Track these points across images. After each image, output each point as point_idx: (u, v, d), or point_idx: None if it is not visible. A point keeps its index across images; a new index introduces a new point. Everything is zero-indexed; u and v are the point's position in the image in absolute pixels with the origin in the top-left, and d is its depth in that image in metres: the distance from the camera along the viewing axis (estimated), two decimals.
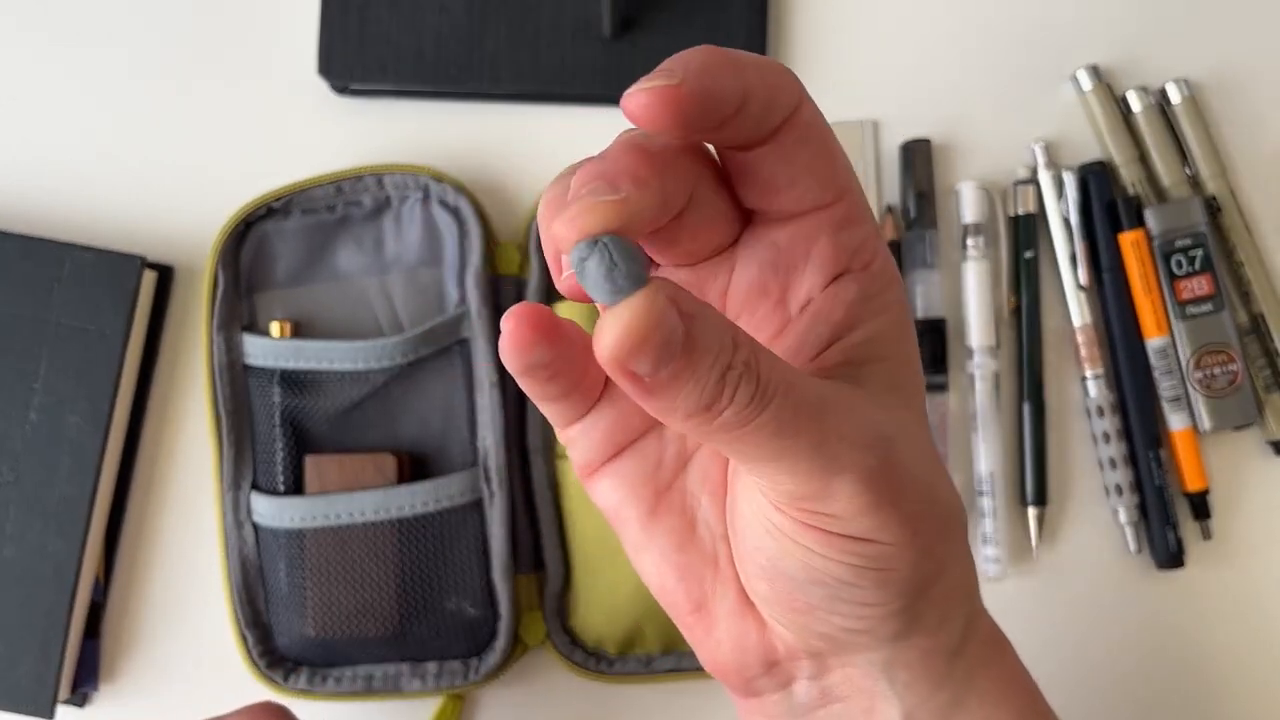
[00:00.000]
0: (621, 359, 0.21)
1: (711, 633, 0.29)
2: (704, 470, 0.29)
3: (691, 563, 0.29)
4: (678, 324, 0.22)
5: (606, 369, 0.22)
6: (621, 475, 0.29)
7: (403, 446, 0.52)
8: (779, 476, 0.24)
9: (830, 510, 0.25)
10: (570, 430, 0.29)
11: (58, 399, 0.51)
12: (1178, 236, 0.53)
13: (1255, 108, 0.55)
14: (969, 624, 0.30)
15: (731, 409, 0.23)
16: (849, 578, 0.26)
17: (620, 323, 0.21)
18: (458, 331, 0.52)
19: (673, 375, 0.22)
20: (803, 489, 0.24)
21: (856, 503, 0.25)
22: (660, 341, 0.21)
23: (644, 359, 0.21)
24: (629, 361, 0.21)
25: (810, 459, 0.24)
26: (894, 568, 0.26)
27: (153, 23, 0.56)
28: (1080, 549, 0.54)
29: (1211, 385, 0.53)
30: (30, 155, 0.55)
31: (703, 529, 0.29)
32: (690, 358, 0.22)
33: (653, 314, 0.21)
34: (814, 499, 0.25)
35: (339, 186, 0.52)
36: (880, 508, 0.25)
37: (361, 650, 0.51)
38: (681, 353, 0.22)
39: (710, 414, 0.23)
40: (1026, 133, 0.55)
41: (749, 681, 0.30)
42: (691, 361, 0.22)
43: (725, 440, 0.23)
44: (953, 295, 0.54)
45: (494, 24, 0.54)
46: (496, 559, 0.51)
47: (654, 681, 0.52)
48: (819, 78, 0.55)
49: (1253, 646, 0.53)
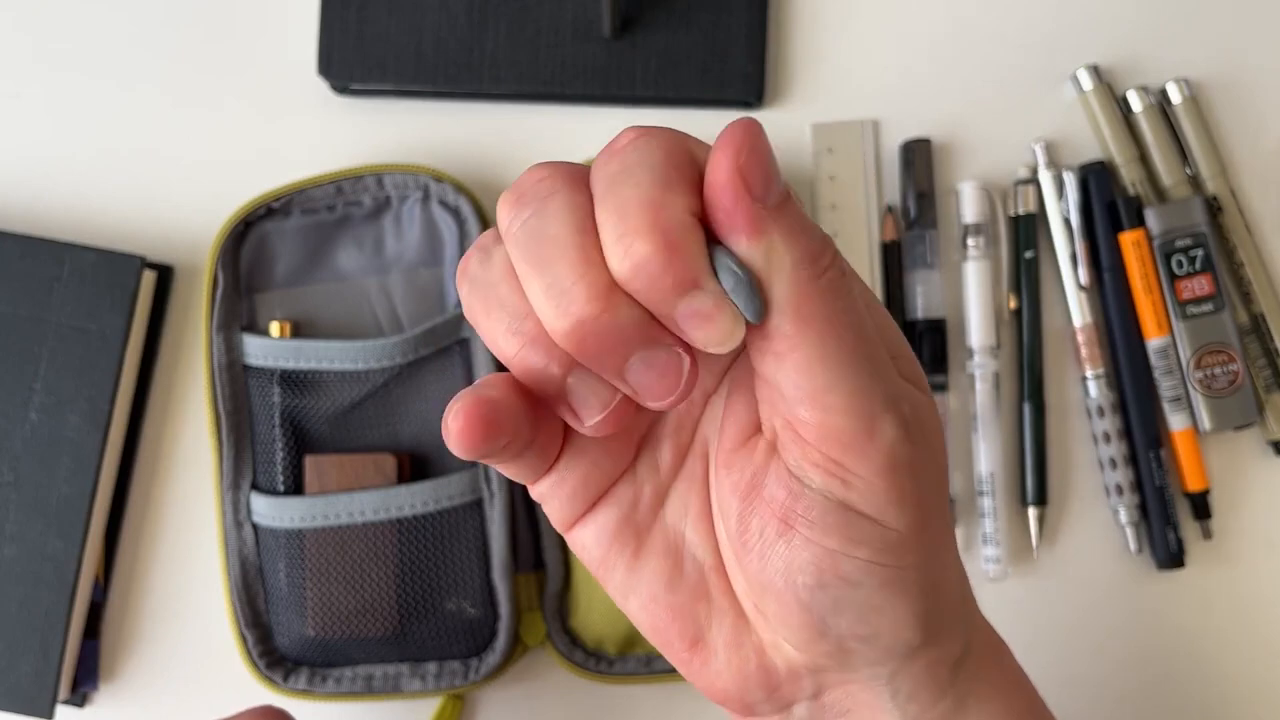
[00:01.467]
0: (746, 163, 0.22)
1: (709, 664, 0.29)
2: (683, 502, 0.29)
3: (683, 601, 0.28)
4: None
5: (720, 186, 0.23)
6: (601, 524, 0.28)
7: (403, 446, 0.52)
8: (839, 395, 0.24)
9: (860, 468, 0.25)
10: (540, 486, 0.28)
11: (58, 399, 0.51)
12: (1178, 236, 0.53)
13: (1256, 107, 0.55)
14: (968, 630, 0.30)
15: (835, 266, 0.24)
16: (856, 575, 0.26)
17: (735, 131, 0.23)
18: (458, 331, 0.52)
19: (783, 199, 0.23)
20: (850, 422, 0.24)
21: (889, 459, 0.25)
22: (771, 163, 0.23)
23: (757, 165, 0.22)
24: (748, 162, 0.22)
25: (871, 379, 0.24)
26: (902, 564, 0.26)
27: (153, 23, 0.56)
28: (1080, 549, 0.54)
29: (1212, 385, 0.53)
30: (30, 155, 0.55)
31: (689, 563, 0.29)
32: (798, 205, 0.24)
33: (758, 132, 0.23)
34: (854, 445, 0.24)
35: (339, 186, 0.52)
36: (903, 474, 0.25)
37: (361, 650, 0.51)
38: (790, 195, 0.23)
39: (820, 263, 0.23)
40: (1027, 133, 0.55)
41: (750, 706, 0.29)
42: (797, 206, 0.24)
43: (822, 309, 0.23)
44: (953, 295, 0.54)
45: (494, 24, 0.54)
46: (496, 559, 0.51)
47: (654, 681, 0.52)
48: (820, 77, 0.55)
49: (1253, 646, 0.53)
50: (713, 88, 0.54)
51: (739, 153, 0.22)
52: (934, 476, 0.26)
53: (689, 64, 0.53)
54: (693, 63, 0.53)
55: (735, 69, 0.54)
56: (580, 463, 0.28)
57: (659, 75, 0.53)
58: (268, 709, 0.44)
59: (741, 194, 0.23)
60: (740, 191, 0.23)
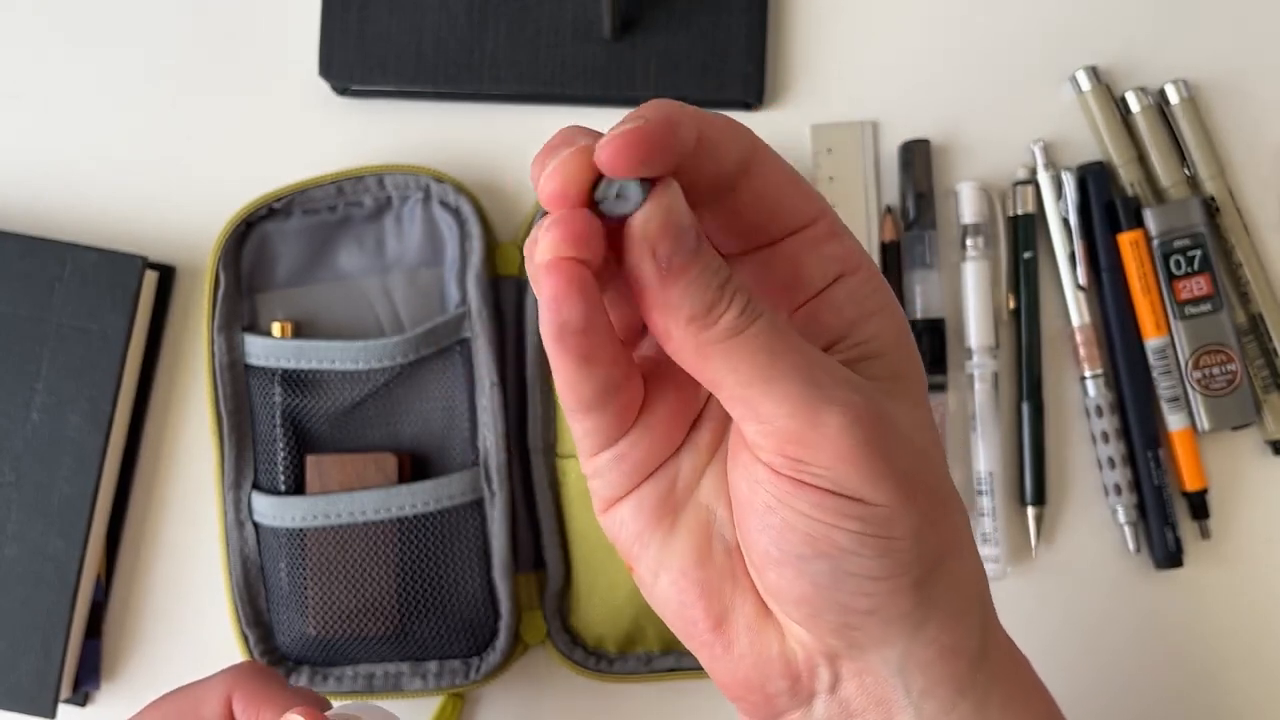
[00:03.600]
0: (652, 232, 0.25)
1: (732, 649, 0.29)
2: (716, 484, 0.30)
3: (710, 578, 0.29)
4: (694, 220, 0.26)
5: (634, 246, 0.25)
6: (641, 500, 0.30)
7: (404, 446, 0.52)
8: (769, 405, 0.26)
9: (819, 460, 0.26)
10: (600, 458, 0.29)
11: (59, 399, 0.51)
12: (1176, 237, 0.53)
13: (1254, 108, 0.55)
14: (986, 630, 0.30)
15: (729, 314, 0.26)
16: (850, 545, 0.27)
17: (659, 204, 0.25)
18: (458, 331, 0.52)
19: (684, 264, 0.26)
20: (793, 422, 0.26)
21: (844, 444, 0.26)
22: (682, 224, 0.26)
23: (668, 237, 0.25)
24: (659, 235, 0.25)
25: (800, 384, 0.26)
26: (895, 535, 0.27)
27: (154, 24, 0.56)
28: (1079, 548, 0.54)
29: (1210, 385, 0.53)
30: (32, 156, 0.55)
31: (717, 542, 0.29)
32: (699, 256, 0.26)
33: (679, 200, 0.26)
34: (804, 439, 0.26)
35: (340, 187, 0.52)
36: (869, 457, 0.26)
37: (362, 649, 0.51)
38: (694, 248, 0.26)
39: (711, 317, 0.26)
40: (1026, 133, 0.55)
41: (771, 699, 0.29)
42: (700, 258, 0.26)
43: (723, 351, 0.26)
44: (952, 295, 0.54)
45: (494, 24, 0.54)
46: (497, 558, 0.51)
47: (654, 680, 0.52)
48: (819, 78, 0.55)
49: (1251, 646, 0.53)
50: (713, 88, 0.54)
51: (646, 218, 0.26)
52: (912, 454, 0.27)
53: (689, 65, 0.54)
54: (693, 63, 0.54)
55: (735, 69, 0.54)
56: (644, 438, 0.29)
57: (659, 76, 0.54)
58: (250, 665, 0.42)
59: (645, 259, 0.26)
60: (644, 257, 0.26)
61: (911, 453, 0.27)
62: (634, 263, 0.26)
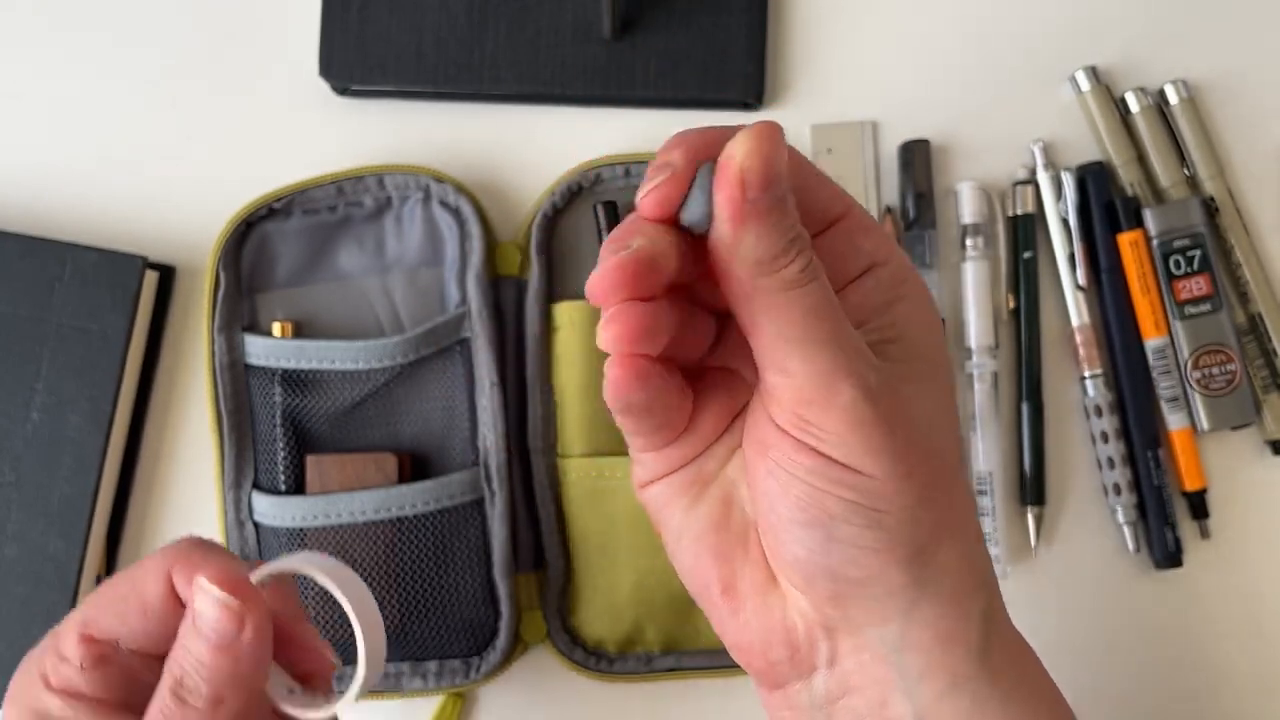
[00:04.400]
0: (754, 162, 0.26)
1: (739, 613, 0.31)
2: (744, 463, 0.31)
3: (724, 542, 0.31)
4: (786, 177, 0.27)
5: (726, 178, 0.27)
6: (673, 480, 0.32)
7: (404, 446, 0.52)
8: (798, 361, 0.28)
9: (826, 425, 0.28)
10: (645, 454, 0.32)
11: (59, 399, 0.51)
12: (1176, 237, 0.53)
13: (1253, 108, 0.55)
14: (989, 622, 0.30)
15: (791, 268, 0.27)
16: (840, 512, 0.28)
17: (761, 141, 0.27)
18: (458, 331, 0.52)
19: (768, 207, 0.27)
20: (811, 385, 0.28)
21: (852, 415, 0.28)
22: (778, 166, 0.27)
23: (764, 172, 0.27)
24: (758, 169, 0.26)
25: (830, 351, 0.28)
26: (886, 508, 0.28)
27: (154, 24, 0.56)
28: (1079, 548, 0.54)
29: (1210, 385, 0.53)
30: (32, 156, 0.55)
31: (737, 514, 0.32)
32: (781, 205, 0.27)
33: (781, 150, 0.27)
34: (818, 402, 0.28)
35: (340, 187, 0.52)
36: (871, 429, 0.28)
37: None
38: (780, 197, 0.27)
39: (775, 264, 0.27)
40: (1025, 133, 0.55)
41: (773, 666, 0.31)
42: (781, 208, 0.27)
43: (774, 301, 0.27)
44: (952, 295, 0.54)
45: (494, 24, 0.54)
46: (497, 558, 0.51)
47: (654, 680, 0.52)
48: (819, 78, 0.55)
49: (1251, 645, 0.53)
50: (713, 88, 0.54)
51: (748, 152, 0.27)
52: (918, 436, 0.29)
53: (689, 65, 0.54)
54: (693, 63, 0.54)
55: (735, 69, 0.54)
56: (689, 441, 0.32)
57: (659, 76, 0.54)
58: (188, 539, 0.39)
59: (736, 188, 0.27)
60: (735, 187, 0.27)
61: (915, 434, 0.29)
62: (721, 195, 0.27)
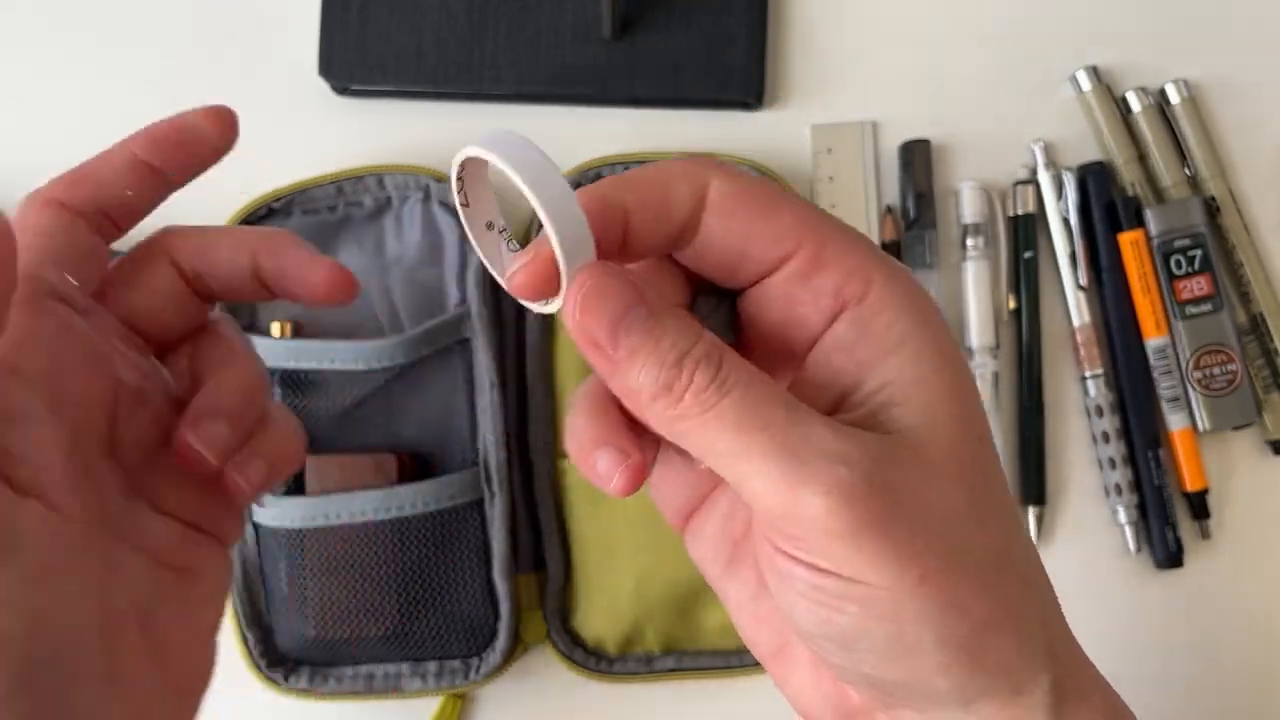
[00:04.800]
0: (581, 320, 0.24)
1: (791, 678, 0.29)
2: None
3: (765, 611, 0.29)
4: (636, 299, 0.24)
5: (575, 339, 0.24)
6: (702, 531, 0.30)
7: (403, 446, 0.52)
8: (751, 481, 0.24)
9: (810, 539, 0.24)
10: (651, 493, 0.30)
11: None
12: (1177, 236, 0.53)
13: (1255, 108, 0.55)
14: (1059, 692, 0.27)
15: (691, 391, 0.24)
16: (853, 628, 0.25)
17: (580, 288, 0.24)
18: (458, 331, 0.52)
19: (631, 350, 0.24)
20: (778, 500, 0.24)
21: (831, 525, 0.23)
22: (611, 304, 0.24)
23: (600, 322, 0.24)
24: (589, 323, 0.24)
25: (778, 460, 0.24)
26: (904, 619, 0.24)
27: (154, 24, 0.56)
28: (1079, 548, 0.54)
29: (1210, 385, 0.53)
30: (32, 156, 0.55)
31: None
32: (651, 334, 0.24)
33: (608, 283, 0.24)
34: (791, 517, 0.24)
35: (340, 187, 0.52)
36: (861, 537, 0.23)
37: (362, 650, 0.51)
38: (641, 328, 0.24)
39: (671, 396, 0.24)
40: (1026, 133, 0.55)
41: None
42: (652, 336, 0.24)
43: (695, 427, 0.24)
44: (953, 295, 0.54)
45: (494, 24, 0.54)
46: (497, 558, 0.51)
47: (654, 681, 0.52)
48: (819, 78, 0.55)
49: (1252, 645, 0.53)
50: (713, 88, 0.54)
51: (576, 309, 0.24)
52: (926, 527, 0.24)
53: (689, 65, 0.54)
54: (693, 63, 0.54)
55: (735, 70, 0.54)
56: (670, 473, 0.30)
57: (659, 76, 0.54)
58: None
59: (588, 349, 0.25)
60: (587, 347, 0.25)
61: (926, 531, 0.24)
62: (589, 357, 0.25)
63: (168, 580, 0.30)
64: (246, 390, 0.31)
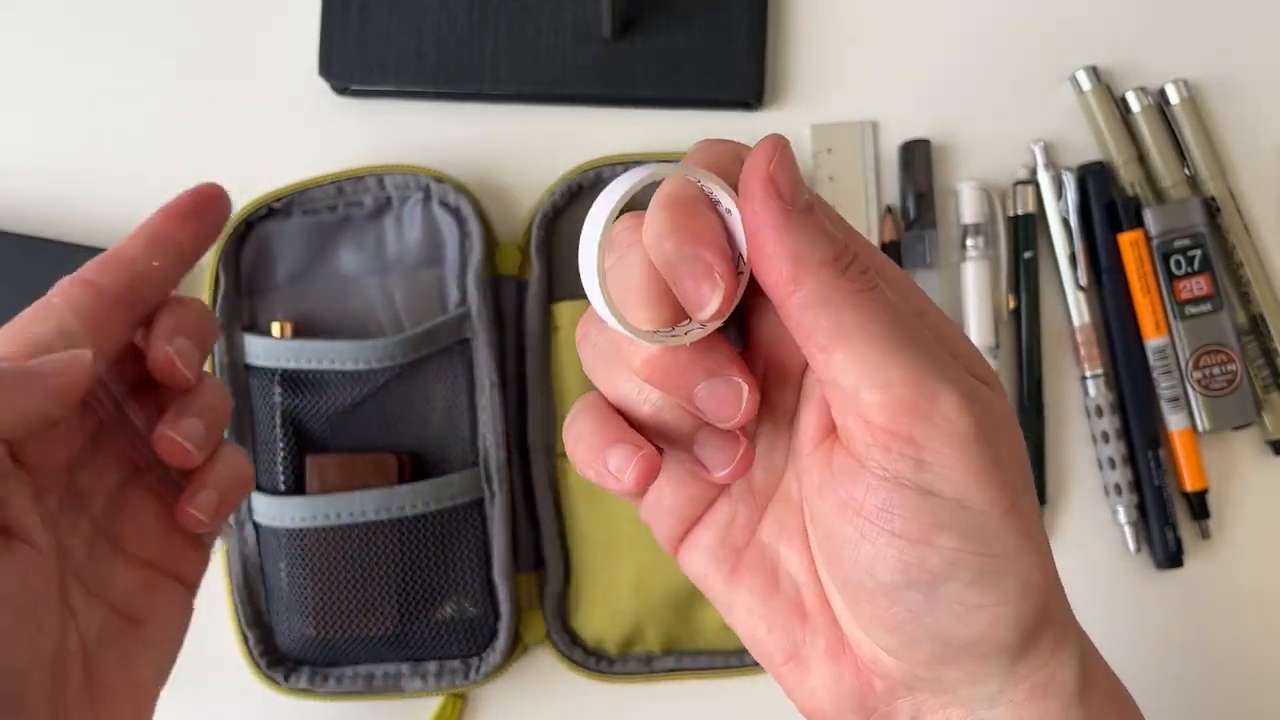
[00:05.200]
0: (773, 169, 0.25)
1: (806, 681, 0.29)
2: (779, 522, 0.30)
3: (777, 613, 0.29)
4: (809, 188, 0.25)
5: (756, 190, 0.25)
6: (698, 544, 0.30)
7: (404, 446, 0.52)
8: (895, 370, 0.25)
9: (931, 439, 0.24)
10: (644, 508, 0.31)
11: None
12: (1177, 237, 0.53)
13: (1254, 108, 0.55)
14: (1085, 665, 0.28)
15: (854, 268, 0.25)
16: (944, 568, 0.25)
17: (772, 143, 0.25)
18: (459, 331, 0.52)
19: (809, 207, 0.25)
20: (911, 393, 0.24)
21: (959, 426, 0.25)
22: (798, 173, 0.25)
23: (786, 173, 0.25)
24: (778, 169, 0.25)
25: (924, 356, 0.25)
26: (995, 552, 0.25)
27: (154, 24, 0.56)
28: (1079, 548, 0.54)
29: (1210, 385, 0.53)
30: (33, 156, 0.55)
31: (785, 580, 0.29)
32: (822, 210, 0.25)
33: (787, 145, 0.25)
34: (920, 411, 0.24)
35: (340, 187, 0.52)
36: (978, 441, 0.25)
37: (362, 649, 0.51)
38: (819, 202, 0.25)
39: (840, 262, 0.25)
40: (1026, 133, 0.55)
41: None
42: (822, 212, 0.25)
43: (856, 304, 0.25)
44: (952, 295, 0.54)
45: (494, 24, 0.54)
46: (497, 558, 0.51)
47: (654, 681, 0.52)
48: (819, 78, 0.55)
49: (1252, 645, 0.53)
50: (713, 88, 0.54)
51: (769, 161, 0.25)
52: (1013, 459, 0.26)
53: (689, 65, 0.54)
54: (693, 63, 0.54)
55: (735, 70, 0.54)
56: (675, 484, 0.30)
57: (659, 76, 0.54)
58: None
59: (771, 196, 0.25)
60: (770, 194, 0.25)
61: (1014, 452, 0.26)
62: (759, 210, 0.25)
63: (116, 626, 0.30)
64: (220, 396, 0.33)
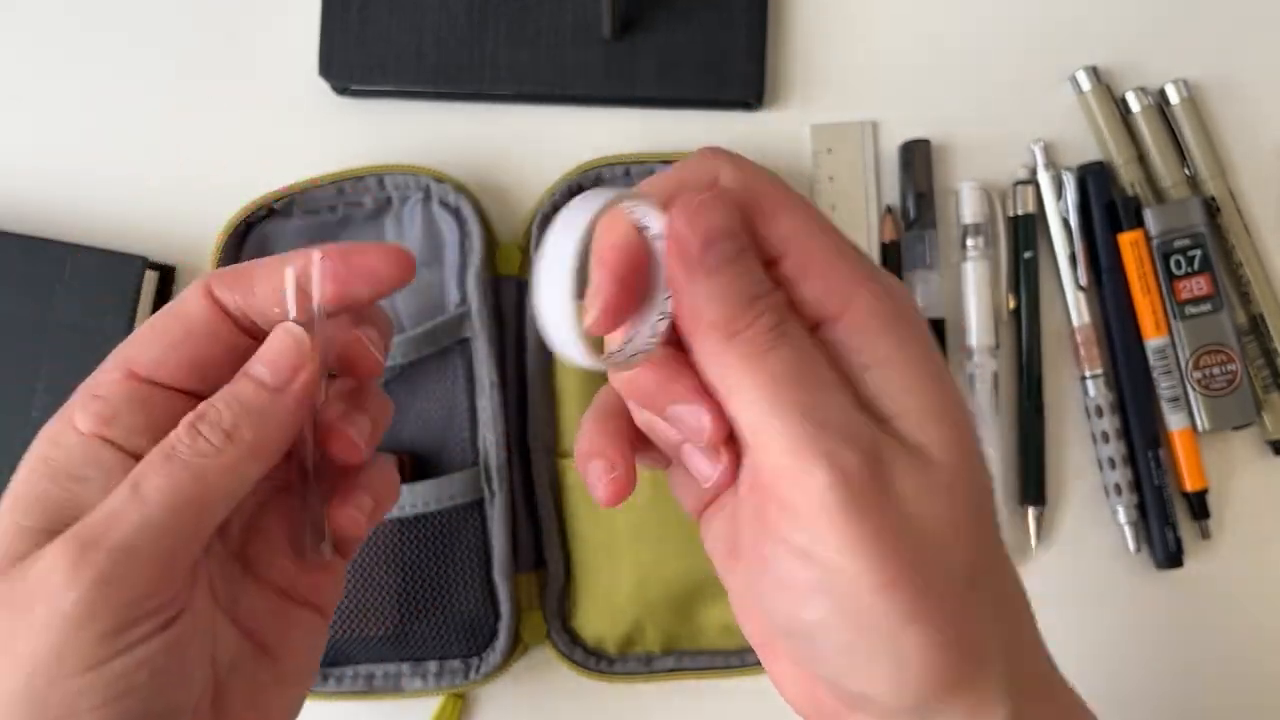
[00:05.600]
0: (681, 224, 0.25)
1: (775, 665, 0.30)
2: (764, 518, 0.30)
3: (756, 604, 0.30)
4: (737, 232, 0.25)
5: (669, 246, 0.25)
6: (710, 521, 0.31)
7: (404, 446, 0.52)
8: (770, 436, 0.25)
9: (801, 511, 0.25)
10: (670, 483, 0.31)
11: (59, 399, 0.50)
12: (1177, 237, 0.53)
13: (1254, 108, 0.55)
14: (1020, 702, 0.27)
15: (752, 330, 0.25)
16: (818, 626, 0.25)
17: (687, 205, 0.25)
18: (459, 331, 0.52)
19: (715, 269, 0.25)
20: (788, 460, 0.25)
21: (820, 501, 0.24)
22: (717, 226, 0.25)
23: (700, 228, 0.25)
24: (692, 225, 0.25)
25: (800, 425, 0.25)
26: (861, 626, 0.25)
27: (154, 24, 0.56)
28: (1079, 549, 0.54)
29: (1210, 385, 0.53)
30: (33, 156, 0.55)
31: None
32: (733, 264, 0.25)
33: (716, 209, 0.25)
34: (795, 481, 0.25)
35: (340, 187, 0.52)
36: (847, 516, 0.24)
37: (362, 649, 0.51)
38: (730, 255, 0.25)
39: (732, 327, 0.25)
40: (1026, 133, 0.55)
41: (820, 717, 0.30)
42: (734, 266, 0.25)
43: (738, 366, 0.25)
44: (952, 295, 0.54)
45: (494, 24, 0.54)
46: (497, 558, 0.51)
47: (654, 681, 0.52)
48: (819, 78, 0.55)
49: (1251, 646, 0.53)
50: (713, 88, 0.54)
51: (682, 218, 0.25)
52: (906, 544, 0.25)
53: (689, 65, 0.54)
54: (693, 63, 0.54)
55: (735, 69, 0.54)
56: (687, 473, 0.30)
57: (659, 76, 0.54)
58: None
59: (672, 255, 0.25)
60: (672, 253, 0.25)
61: (909, 535, 0.25)
62: (669, 263, 0.25)
63: (249, 652, 0.30)
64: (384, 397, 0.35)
